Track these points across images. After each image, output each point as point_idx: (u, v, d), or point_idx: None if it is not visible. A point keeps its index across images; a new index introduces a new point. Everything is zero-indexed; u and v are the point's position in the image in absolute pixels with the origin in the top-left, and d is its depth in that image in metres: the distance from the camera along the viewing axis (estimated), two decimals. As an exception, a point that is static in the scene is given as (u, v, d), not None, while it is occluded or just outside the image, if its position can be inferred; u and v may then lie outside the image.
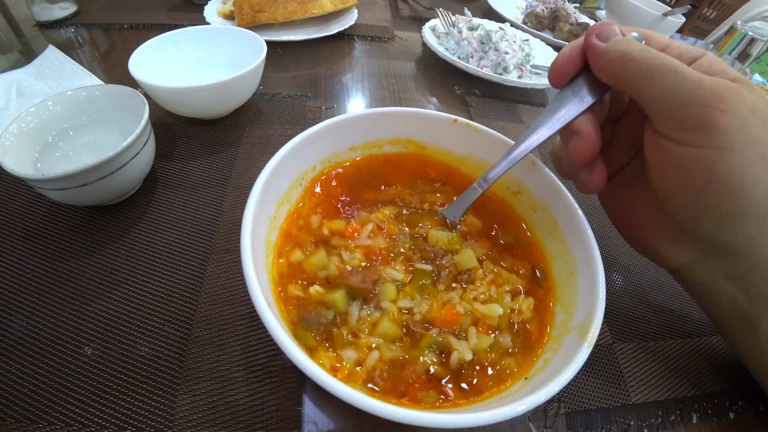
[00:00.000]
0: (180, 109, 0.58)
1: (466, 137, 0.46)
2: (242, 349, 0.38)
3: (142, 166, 0.47)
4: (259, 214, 0.34)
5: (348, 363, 0.32)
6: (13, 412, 0.33)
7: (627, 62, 0.32)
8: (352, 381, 0.31)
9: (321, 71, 0.80)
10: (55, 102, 0.49)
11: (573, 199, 0.40)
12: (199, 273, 0.43)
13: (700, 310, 0.47)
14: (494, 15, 1.13)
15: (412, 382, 0.32)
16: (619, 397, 0.39)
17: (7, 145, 0.43)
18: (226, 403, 0.34)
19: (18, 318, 0.38)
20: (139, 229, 0.47)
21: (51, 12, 0.86)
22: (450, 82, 0.83)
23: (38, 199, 0.48)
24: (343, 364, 0.32)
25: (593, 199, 0.60)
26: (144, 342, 0.38)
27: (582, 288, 0.35)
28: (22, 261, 0.43)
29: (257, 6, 0.83)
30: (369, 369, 0.32)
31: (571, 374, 0.28)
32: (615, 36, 0.34)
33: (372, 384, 0.32)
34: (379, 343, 0.34)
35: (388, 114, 0.45)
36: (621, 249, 0.53)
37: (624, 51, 0.32)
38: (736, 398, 0.41)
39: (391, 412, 0.24)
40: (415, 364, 0.33)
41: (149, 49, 0.60)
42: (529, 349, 0.36)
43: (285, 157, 0.38)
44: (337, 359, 0.33)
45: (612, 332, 0.44)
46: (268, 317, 0.27)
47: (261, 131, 0.62)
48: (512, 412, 0.26)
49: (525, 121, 0.74)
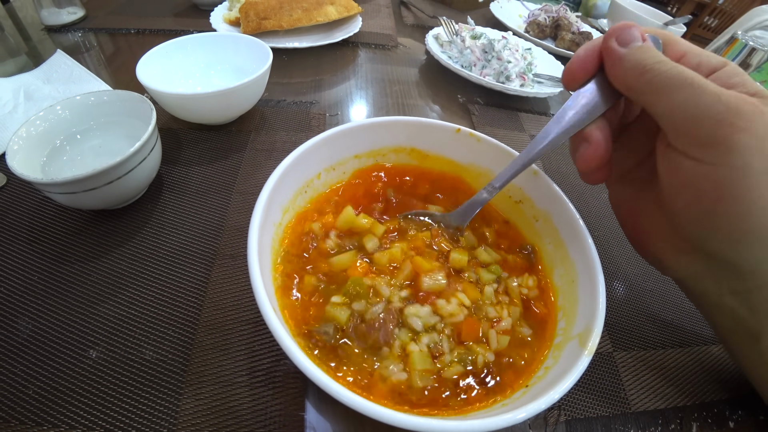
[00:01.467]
0: (186, 114, 0.59)
1: (469, 146, 0.47)
2: (246, 354, 0.38)
3: (149, 171, 0.48)
4: (265, 221, 0.34)
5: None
6: (17, 413, 0.33)
7: (643, 74, 0.31)
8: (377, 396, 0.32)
9: (325, 78, 0.81)
10: (63, 106, 0.49)
11: (574, 209, 0.40)
12: (203, 278, 0.44)
13: (700, 320, 0.47)
14: (497, 24, 1.14)
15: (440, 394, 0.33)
16: (619, 406, 0.39)
17: (16, 149, 0.44)
18: (230, 408, 0.35)
19: (24, 320, 0.39)
20: (144, 233, 0.47)
21: (59, 16, 0.87)
22: (453, 90, 0.84)
23: (45, 203, 0.49)
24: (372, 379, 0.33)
25: (594, 209, 0.60)
26: (148, 346, 0.38)
27: (583, 296, 0.36)
28: (29, 263, 0.43)
29: (263, 13, 0.84)
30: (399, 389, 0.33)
31: (571, 382, 0.28)
32: (635, 42, 0.32)
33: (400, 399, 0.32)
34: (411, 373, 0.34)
35: (393, 123, 0.46)
36: (622, 258, 0.53)
37: (641, 61, 0.31)
38: (736, 407, 0.41)
39: (392, 417, 0.25)
40: (444, 380, 0.33)
41: (156, 55, 0.61)
42: (542, 329, 0.37)
43: (291, 164, 0.39)
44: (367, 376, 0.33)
45: (612, 341, 0.44)
46: (275, 323, 0.27)
47: (266, 137, 0.63)
48: (512, 420, 0.26)
49: (527, 130, 0.75)
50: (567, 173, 0.66)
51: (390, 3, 1.21)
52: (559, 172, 0.66)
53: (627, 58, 0.32)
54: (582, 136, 0.35)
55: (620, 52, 0.32)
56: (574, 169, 0.66)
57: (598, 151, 0.34)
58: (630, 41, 0.32)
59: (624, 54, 0.32)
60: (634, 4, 1.30)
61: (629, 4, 1.27)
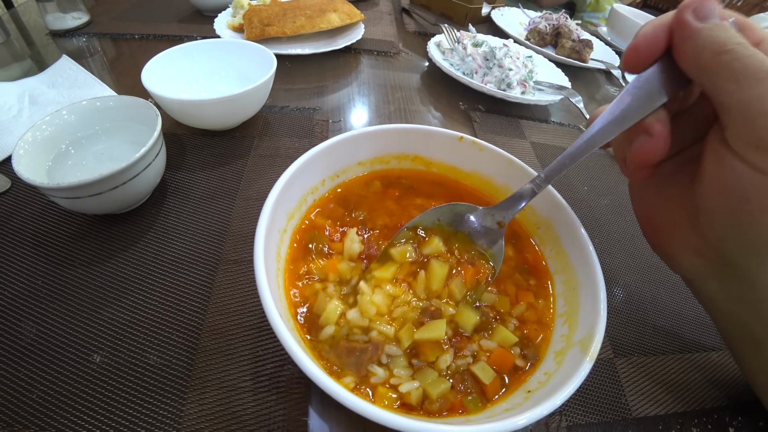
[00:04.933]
0: (190, 120, 0.59)
1: (472, 154, 0.47)
2: (250, 359, 0.38)
3: (153, 176, 0.48)
4: (271, 228, 0.35)
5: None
6: (21, 418, 0.33)
7: (721, 54, 0.27)
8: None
9: (328, 84, 0.82)
10: (69, 111, 0.50)
11: (575, 216, 0.41)
12: (207, 283, 0.44)
13: (701, 327, 0.48)
14: (498, 32, 1.15)
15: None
16: (620, 412, 0.40)
17: (22, 153, 0.44)
18: (234, 413, 0.35)
19: (28, 324, 0.39)
20: (148, 238, 0.48)
21: (64, 21, 0.88)
22: (454, 97, 0.85)
23: (49, 207, 0.49)
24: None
25: (595, 214, 0.61)
26: (152, 350, 0.38)
27: (584, 303, 0.36)
28: (32, 267, 0.43)
29: (266, 20, 0.85)
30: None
31: (572, 388, 0.28)
32: (713, 17, 0.28)
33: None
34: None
35: (396, 131, 0.46)
36: (623, 265, 0.54)
37: (721, 39, 0.27)
38: (736, 414, 0.41)
39: (395, 421, 0.25)
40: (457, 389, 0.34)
41: (161, 60, 0.61)
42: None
43: (296, 172, 0.39)
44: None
45: (613, 347, 0.45)
46: (281, 329, 0.28)
47: (269, 143, 0.64)
48: (513, 425, 0.26)
49: (528, 137, 0.76)
50: (568, 177, 0.67)
51: (392, 10, 1.22)
52: (560, 178, 0.67)
53: (704, 33, 0.27)
54: (641, 127, 0.31)
55: (696, 25, 0.28)
56: (575, 175, 0.67)
57: (659, 146, 0.31)
58: (708, 16, 0.28)
59: (700, 28, 0.28)
60: (633, 12, 1.31)
61: (628, 12, 1.28)
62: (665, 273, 0.49)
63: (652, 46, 0.30)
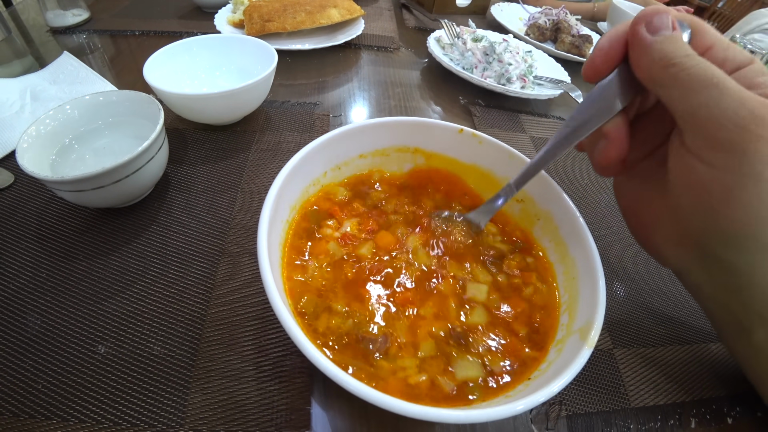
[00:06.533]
0: (192, 115, 0.60)
1: (472, 147, 0.47)
2: (253, 349, 0.39)
3: (156, 170, 0.48)
4: (273, 219, 0.35)
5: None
6: (27, 408, 0.34)
7: (668, 67, 0.29)
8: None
9: (329, 80, 0.82)
10: (73, 106, 0.50)
11: (574, 207, 0.41)
12: (210, 275, 0.44)
13: (699, 318, 0.48)
14: (498, 27, 1.15)
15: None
16: (619, 402, 0.40)
17: (26, 147, 0.44)
18: (237, 402, 0.35)
19: (33, 316, 0.39)
20: (151, 231, 0.48)
21: (64, 18, 0.88)
22: (454, 92, 0.85)
23: (52, 201, 0.50)
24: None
25: (595, 208, 0.61)
26: (156, 341, 0.39)
27: (583, 293, 0.36)
28: (37, 261, 0.44)
29: (267, 15, 0.85)
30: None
31: (571, 375, 0.28)
32: (665, 30, 0.30)
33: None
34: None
35: (397, 123, 0.47)
36: (622, 256, 0.54)
37: (668, 53, 0.29)
38: (734, 404, 0.41)
39: (396, 405, 0.25)
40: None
41: (163, 56, 0.61)
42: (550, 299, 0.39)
43: (298, 164, 0.39)
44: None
45: (612, 338, 0.45)
46: (288, 320, 0.28)
47: (271, 138, 0.64)
48: (512, 411, 0.26)
49: (527, 131, 0.76)
50: (568, 171, 0.67)
51: (392, 6, 1.22)
52: (560, 171, 0.67)
53: (654, 47, 0.30)
54: (601, 132, 0.34)
55: (648, 39, 0.30)
56: (575, 168, 0.68)
57: (616, 148, 0.34)
58: (659, 29, 0.30)
59: (651, 42, 0.30)
60: (633, 7, 1.31)
61: (629, 8, 1.28)
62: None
63: (608, 59, 0.33)
